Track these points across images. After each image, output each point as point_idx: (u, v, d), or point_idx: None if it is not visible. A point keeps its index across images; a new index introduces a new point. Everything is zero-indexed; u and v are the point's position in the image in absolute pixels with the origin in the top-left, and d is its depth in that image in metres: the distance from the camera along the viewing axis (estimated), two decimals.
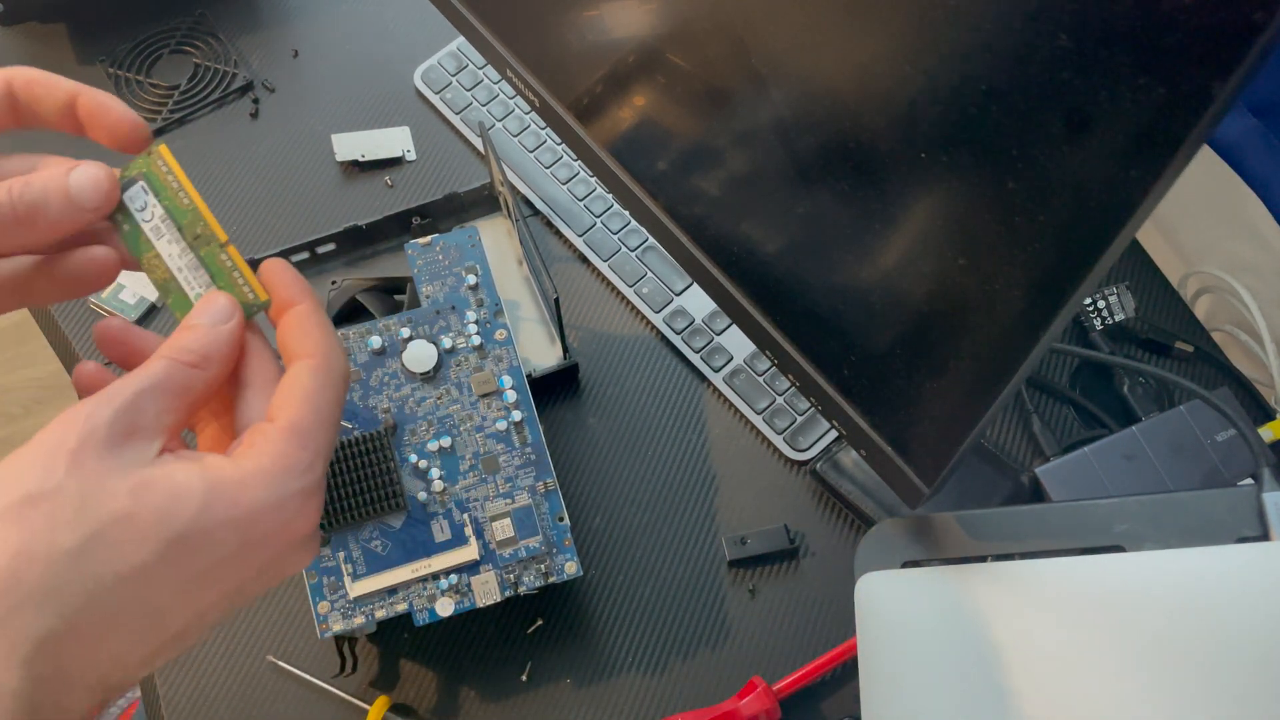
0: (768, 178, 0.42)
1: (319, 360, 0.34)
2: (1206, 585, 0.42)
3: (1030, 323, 0.35)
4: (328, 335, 0.35)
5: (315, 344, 0.34)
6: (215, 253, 0.35)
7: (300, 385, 0.33)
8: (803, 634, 0.60)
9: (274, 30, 0.80)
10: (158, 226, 0.35)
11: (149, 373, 0.32)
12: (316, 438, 0.33)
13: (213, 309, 0.34)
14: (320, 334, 0.35)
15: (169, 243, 0.35)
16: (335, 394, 0.34)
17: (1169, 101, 0.28)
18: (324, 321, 0.35)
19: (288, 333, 0.35)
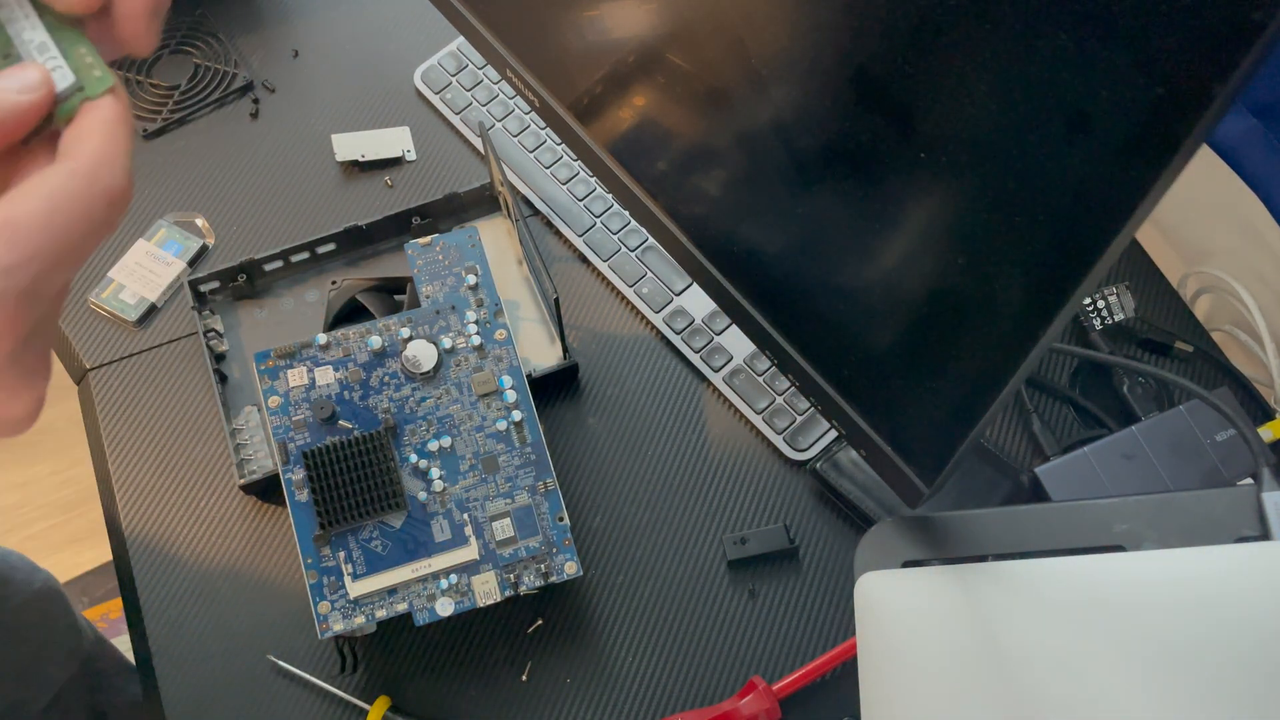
0: (767, 178, 0.42)
1: (81, 166, 0.28)
2: (1206, 585, 0.42)
3: (1030, 322, 0.35)
4: (107, 144, 0.29)
5: (88, 150, 0.29)
6: (73, 36, 0.31)
7: (44, 183, 0.28)
8: (803, 634, 0.60)
9: (274, 30, 0.80)
10: (13, 12, 0.32)
11: None
12: (31, 243, 0.27)
13: (22, 76, 0.30)
14: (99, 140, 0.29)
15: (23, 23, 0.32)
16: (86, 209, 0.28)
17: (1169, 101, 0.28)
18: (113, 130, 0.30)
19: (69, 132, 0.30)
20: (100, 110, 0.30)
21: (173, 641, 0.59)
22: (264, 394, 0.55)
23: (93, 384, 0.67)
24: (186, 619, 0.60)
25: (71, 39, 0.31)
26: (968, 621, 0.44)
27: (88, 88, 0.31)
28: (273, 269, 0.68)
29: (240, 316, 0.68)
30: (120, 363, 0.67)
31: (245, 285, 0.67)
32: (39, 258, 0.27)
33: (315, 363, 0.56)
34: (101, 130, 0.29)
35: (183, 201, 0.73)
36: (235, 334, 0.67)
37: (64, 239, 0.28)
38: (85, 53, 0.31)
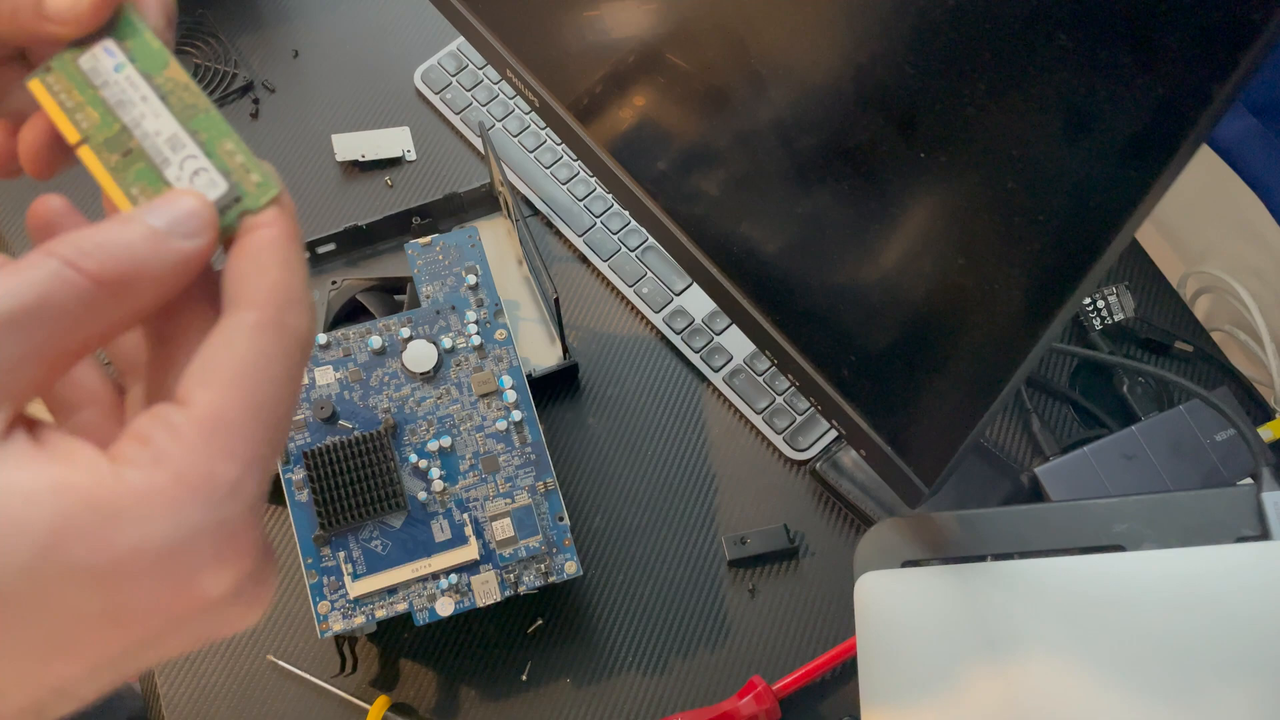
0: (767, 178, 0.42)
1: (268, 315, 0.22)
2: (1206, 585, 0.42)
3: (1030, 322, 0.35)
4: (289, 278, 0.23)
5: (268, 289, 0.23)
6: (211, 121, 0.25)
7: (233, 353, 0.22)
8: (802, 633, 0.60)
9: (274, 30, 0.80)
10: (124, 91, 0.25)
11: (17, 287, 0.20)
12: (250, 440, 0.21)
13: (176, 210, 0.23)
14: (278, 274, 0.23)
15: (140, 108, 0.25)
16: (286, 369, 0.22)
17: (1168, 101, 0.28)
18: (290, 256, 0.24)
19: (236, 264, 0.23)
20: (268, 230, 0.24)
21: None
22: None
23: None
24: None
25: (213, 128, 0.25)
26: (967, 621, 0.44)
27: (246, 198, 0.24)
28: None
29: None
30: None
31: None
32: (260, 456, 0.21)
33: (315, 362, 0.56)
34: (276, 259, 0.23)
35: None
36: None
37: (277, 420, 0.22)
38: (234, 149, 0.25)
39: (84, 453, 0.20)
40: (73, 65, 0.25)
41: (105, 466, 0.20)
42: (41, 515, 0.19)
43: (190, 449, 0.20)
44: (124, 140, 0.25)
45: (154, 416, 0.21)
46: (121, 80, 0.25)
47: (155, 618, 0.20)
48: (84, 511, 0.19)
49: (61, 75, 0.25)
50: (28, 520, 0.19)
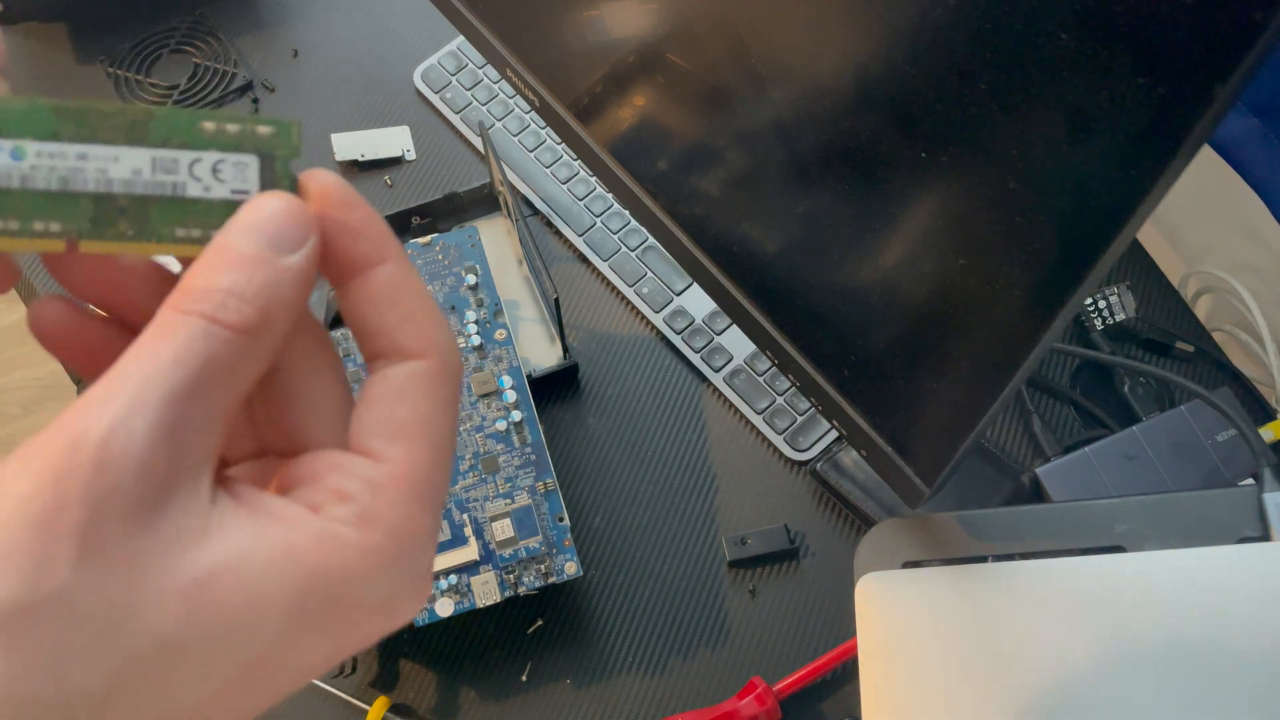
0: (768, 178, 0.42)
1: (436, 364, 0.22)
2: (1207, 585, 0.42)
3: (1031, 323, 0.35)
4: (436, 315, 0.23)
5: (429, 336, 0.22)
6: (165, 121, 0.22)
7: (417, 407, 0.22)
8: (803, 634, 0.60)
9: (274, 30, 0.80)
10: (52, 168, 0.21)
11: (180, 355, 0.19)
12: (440, 488, 0.22)
13: (266, 222, 0.21)
14: (428, 316, 0.22)
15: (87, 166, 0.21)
16: (455, 412, 0.23)
17: (1169, 101, 0.28)
18: (423, 289, 0.23)
19: (374, 308, 0.22)
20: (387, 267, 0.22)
21: None
22: None
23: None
24: None
25: (174, 124, 0.22)
26: (968, 622, 0.44)
27: (279, 151, 0.23)
28: None
29: None
30: None
31: None
32: (444, 497, 0.23)
33: None
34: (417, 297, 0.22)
35: None
36: None
37: (452, 461, 0.23)
38: (213, 124, 0.22)
39: (295, 513, 0.20)
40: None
41: (323, 527, 0.20)
42: (283, 584, 0.19)
43: (395, 505, 0.21)
44: (110, 206, 0.22)
45: (348, 474, 0.21)
46: (36, 162, 0.21)
47: (361, 645, 0.22)
48: (318, 576, 0.20)
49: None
50: (273, 591, 0.19)
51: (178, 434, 0.19)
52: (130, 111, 0.22)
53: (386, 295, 0.22)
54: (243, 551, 0.19)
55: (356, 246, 0.22)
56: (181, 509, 0.19)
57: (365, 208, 0.22)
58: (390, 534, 0.21)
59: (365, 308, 0.22)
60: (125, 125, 0.22)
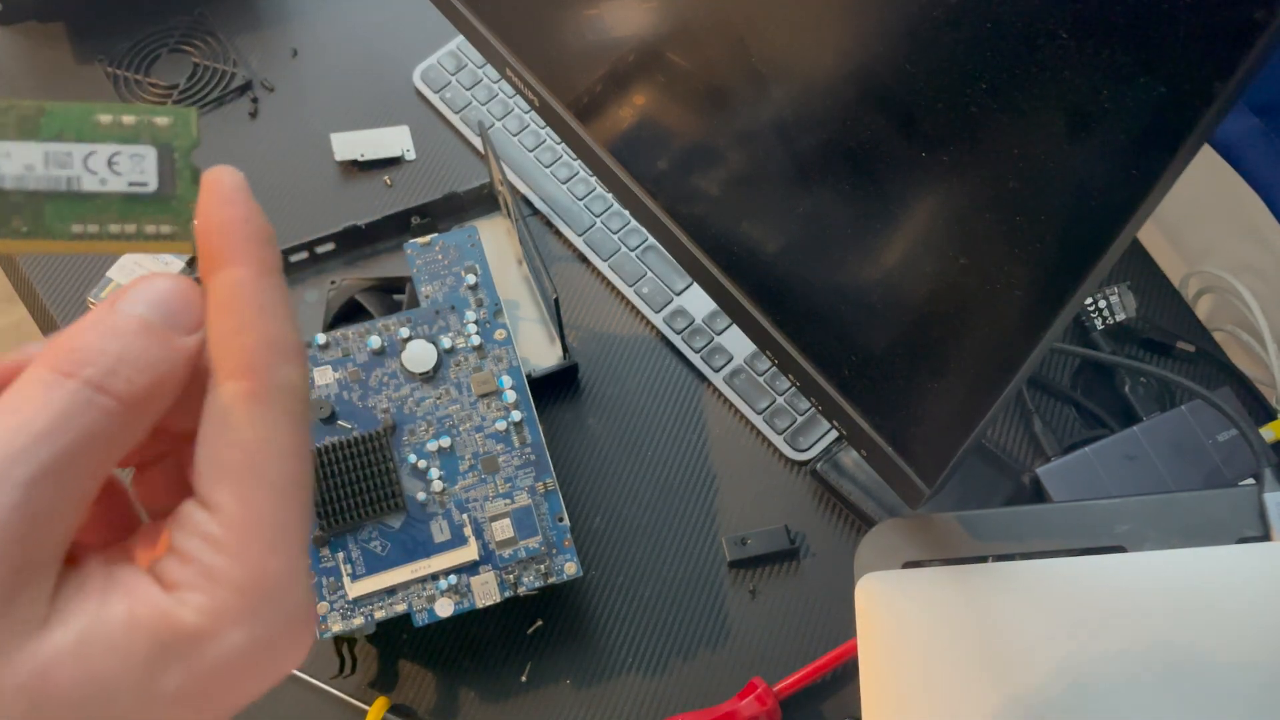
0: (768, 177, 0.42)
1: (259, 382, 0.20)
2: (1208, 585, 0.42)
3: (1031, 322, 0.35)
4: (270, 328, 0.21)
5: (250, 349, 0.20)
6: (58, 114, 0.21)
7: (236, 438, 0.20)
8: (803, 635, 0.60)
9: (273, 29, 0.80)
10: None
11: (55, 426, 0.18)
12: (287, 525, 0.20)
13: (168, 294, 0.20)
14: (258, 328, 0.20)
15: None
16: (293, 434, 0.20)
17: (1170, 100, 0.27)
18: (264, 300, 0.21)
19: (212, 313, 0.21)
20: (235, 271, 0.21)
21: None
22: None
23: None
24: None
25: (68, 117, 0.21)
26: (968, 623, 0.44)
27: (177, 141, 0.22)
28: None
29: None
30: None
31: None
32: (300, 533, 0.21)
33: (314, 362, 0.56)
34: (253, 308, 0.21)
35: None
36: None
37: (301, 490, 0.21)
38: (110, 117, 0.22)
39: (137, 583, 0.19)
40: None
41: (163, 598, 0.19)
42: (129, 659, 0.18)
43: (236, 559, 0.19)
44: (2, 203, 0.21)
45: (187, 530, 0.20)
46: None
47: (249, 695, 0.20)
48: (165, 645, 0.19)
49: None
50: (118, 669, 0.18)
51: (38, 521, 0.18)
52: (21, 106, 0.21)
53: (225, 300, 0.20)
54: (84, 633, 0.18)
55: (214, 242, 0.21)
56: (27, 601, 0.17)
57: (242, 208, 0.21)
58: (238, 589, 0.19)
59: (212, 312, 0.21)
60: (15, 120, 0.21)
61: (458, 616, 0.53)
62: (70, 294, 0.69)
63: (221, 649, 0.19)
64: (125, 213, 0.22)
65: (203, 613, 0.19)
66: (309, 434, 0.21)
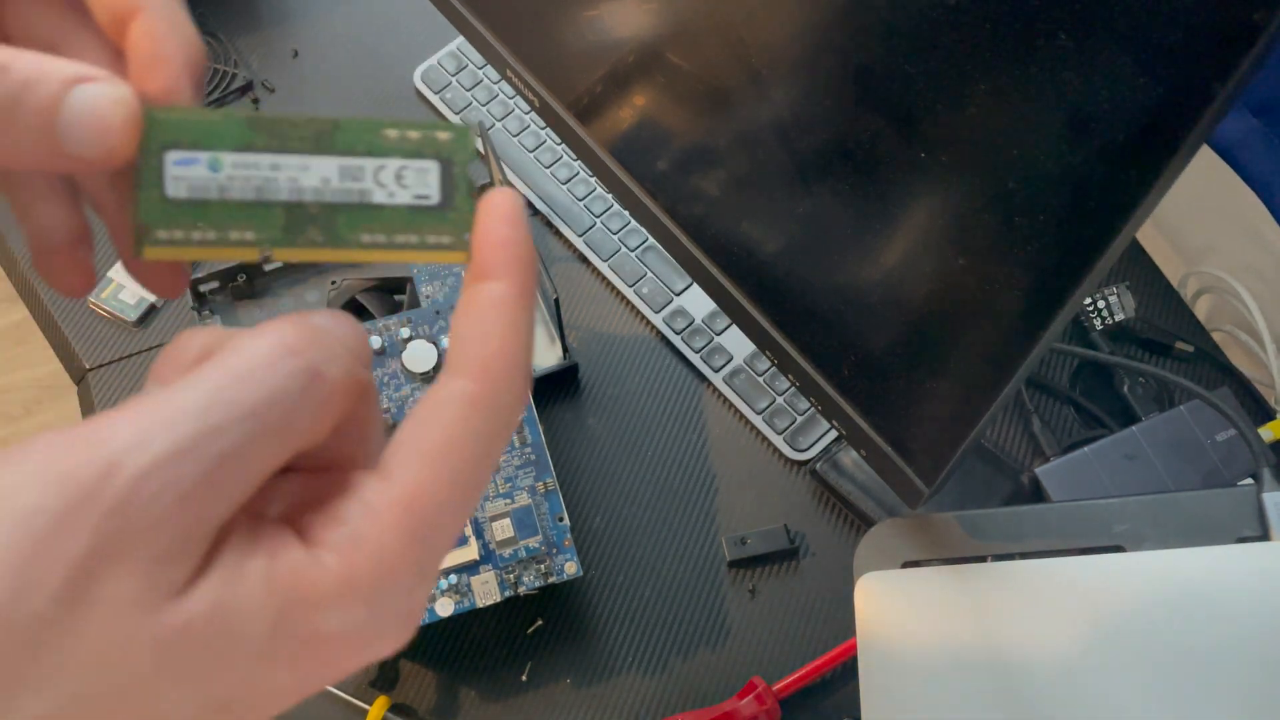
0: (768, 178, 0.42)
1: (484, 390, 0.21)
2: (1206, 585, 0.42)
3: (1030, 322, 0.35)
4: (512, 347, 0.21)
5: (488, 359, 0.21)
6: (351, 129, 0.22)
7: (441, 428, 0.20)
8: (803, 634, 0.60)
9: (274, 30, 0.80)
10: (247, 179, 0.22)
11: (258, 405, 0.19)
12: (445, 524, 0.20)
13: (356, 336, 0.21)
14: (501, 343, 0.21)
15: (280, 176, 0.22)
16: (491, 449, 0.21)
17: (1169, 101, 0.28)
18: (517, 320, 0.21)
19: (460, 322, 0.22)
20: (497, 286, 0.21)
21: None
22: None
23: (92, 384, 0.67)
24: None
25: (360, 132, 0.22)
26: (968, 622, 0.44)
27: (457, 155, 0.23)
28: (272, 269, 0.68)
29: (240, 316, 0.67)
30: (120, 363, 0.67)
31: (245, 285, 0.67)
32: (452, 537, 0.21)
33: None
34: (503, 323, 0.21)
35: None
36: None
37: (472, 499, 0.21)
38: (396, 130, 0.22)
39: (282, 543, 0.19)
40: (163, 208, 0.22)
41: (303, 556, 0.19)
42: (258, 621, 0.18)
43: (386, 532, 0.19)
44: (300, 215, 0.22)
45: (350, 494, 0.20)
46: (233, 173, 0.22)
47: (333, 679, 0.20)
48: (293, 606, 0.19)
49: (177, 223, 0.22)
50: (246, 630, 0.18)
51: (216, 491, 0.18)
52: (316, 121, 0.22)
53: (480, 308, 0.21)
54: (220, 596, 0.18)
55: (486, 255, 0.22)
56: (180, 566, 0.18)
57: (518, 230, 0.22)
58: (374, 561, 0.19)
59: (457, 317, 0.22)
60: (312, 135, 0.22)
61: (458, 616, 0.54)
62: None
63: (340, 620, 0.19)
64: (410, 223, 0.23)
65: (336, 578, 0.19)
66: (498, 460, 0.21)
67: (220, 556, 0.19)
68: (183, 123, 0.22)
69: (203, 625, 0.18)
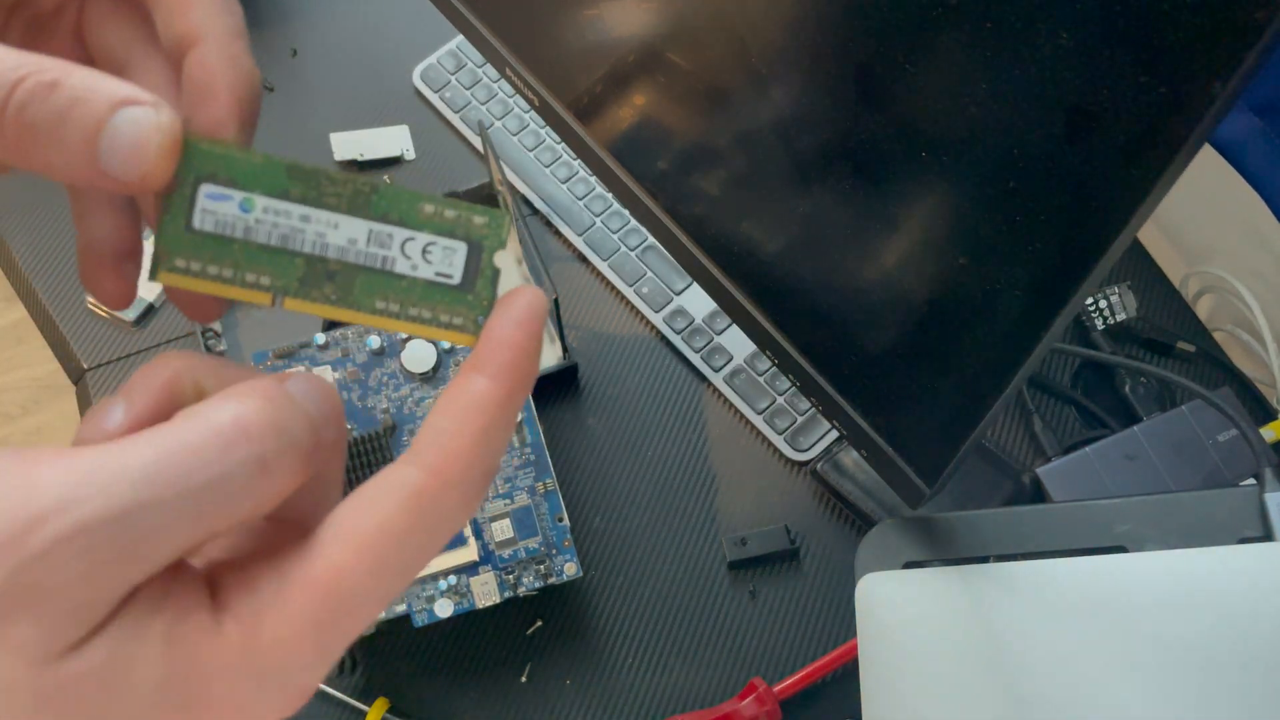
0: (768, 177, 0.42)
1: (434, 485, 0.20)
2: (1208, 586, 0.42)
3: (1032, 322, 0.35)
4: (477, 451, 0.21)
5: (449, 456, 0.21)
6: (389, 196, 0.23)
7: (380, 512, 0.20)
8: (803, 635, 0.60)
9: (273, 29, 0.80)
10: (275, 224, 0.23)
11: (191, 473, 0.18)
12: (355, 616, 0.20)
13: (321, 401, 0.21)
14: (468, 443, 0.21)
15: (308, 228, 0.23)
16: (427, 544, 0.21)
17: (1170, 100, 0.27)
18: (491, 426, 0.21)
19: (438, 409, 0.21)
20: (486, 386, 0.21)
21: None
22: None
23: (90, 384, 0.67)
24: None
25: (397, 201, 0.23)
26: (969, 623, 0.44)
27: (487, 241, 0.23)
28: None
29: (238, 316, 0.67)
30: (119, 363, 0.67)
31: None
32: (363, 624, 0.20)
33: (314, 363, 0.56)
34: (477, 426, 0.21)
35: None
36: (233, 334, 0.67)
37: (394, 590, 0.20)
38: (433, 207, 0.23)
39: (191, 602, 0.19)
40: (186, 237, 0.22)
41: (206, 620, 0.19)
42: (146, 681, 0.18)
43: (293, 612, 0.19)
44: (320, 269, 0.22)
45: (272, 563, 0.20)
46: (261, 216, 0.22)
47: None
48: (181, 669, 0.19)
49: (185, 253, 0.22)
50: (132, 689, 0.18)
51: (134, 561, 0.18)
52: (356, 182, 0.22)
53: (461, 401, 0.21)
54: (112, 654, 0.18)
55: (488, 350, 0.22)
56: (81, 620, 0.18)
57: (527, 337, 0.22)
58: (273, 640, 0.19)
59: (439, 402, 0.22)
60: (350, 194, 0.22)
61: (457, 617, 0.53)
62: (70, 294, 0.69)
63: (228, 690, 0.19)
64: (425, 298, 0.23)
65: (233, 649, 0.19)
66: (433, 553, 0.21)
67: (125, 612, 0.18)
68: (223, 158, 0.22)
69: (90, 681, 0.18)
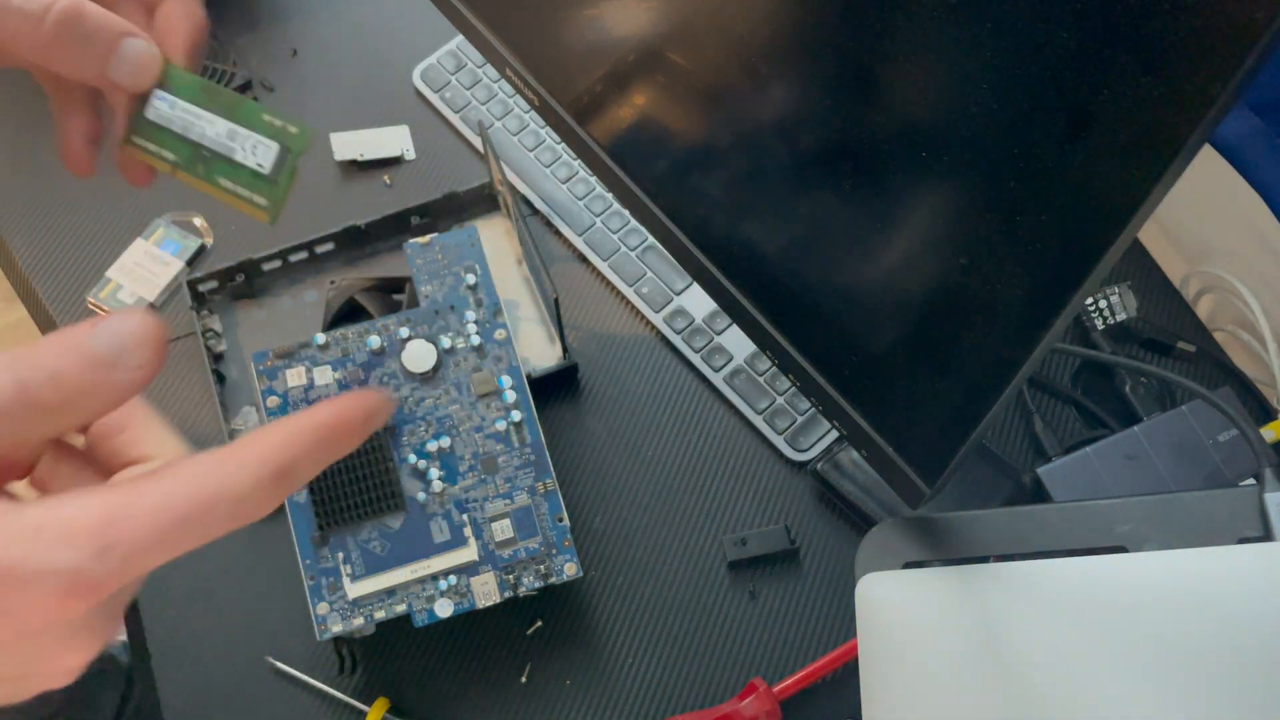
0: (768, 177, 0.42)
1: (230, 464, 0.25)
2: (1208, 586, 0.42)
3: (1032, 322, 0.35)
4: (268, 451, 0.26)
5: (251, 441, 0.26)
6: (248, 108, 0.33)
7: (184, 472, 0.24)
8: (803, 635, 0.60)
9: (273, 29, 0.80)
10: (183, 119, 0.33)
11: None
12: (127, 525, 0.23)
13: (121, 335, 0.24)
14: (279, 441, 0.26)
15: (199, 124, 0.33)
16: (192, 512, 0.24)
17: (1171, 100, 0.27)
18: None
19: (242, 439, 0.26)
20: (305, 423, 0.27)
21: (171, 643, 0.59)
22: (262, 394, 0.55)
23: None
24: (185, 621, 0.60)
25: (250, 112, 0.33)
26: (969, 623, 0.44)
27: (293, 145, 0.33)
28: (271, 269, 0.67)
29: (238, 316, 0.67)
30: None
31: (243, 285, 0.67)
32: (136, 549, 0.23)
33: (314, 363, 0.55)
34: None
35: (181, 201, 0.73)
36: (233, 334, 0.67)
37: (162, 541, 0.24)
38: (271, 118, 0.33)
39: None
40: (146, 123, 0.34)
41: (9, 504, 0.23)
42: None
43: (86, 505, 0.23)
44: (200, 153, 0.33)
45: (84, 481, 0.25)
46: (179, 113, 0.33)
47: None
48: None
49: (146, 135, 0.34)
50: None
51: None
52: (233, 96, 0.33)
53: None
54: None
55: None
56: None
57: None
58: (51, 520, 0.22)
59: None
60: (225, 104, 0.33)
61: (458, 617, 0.53)
62: (70, 294, 0.69)
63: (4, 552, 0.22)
64: (248, 182, 0.33)
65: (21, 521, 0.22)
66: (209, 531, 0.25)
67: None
68: (171, 74, 0.34)
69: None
